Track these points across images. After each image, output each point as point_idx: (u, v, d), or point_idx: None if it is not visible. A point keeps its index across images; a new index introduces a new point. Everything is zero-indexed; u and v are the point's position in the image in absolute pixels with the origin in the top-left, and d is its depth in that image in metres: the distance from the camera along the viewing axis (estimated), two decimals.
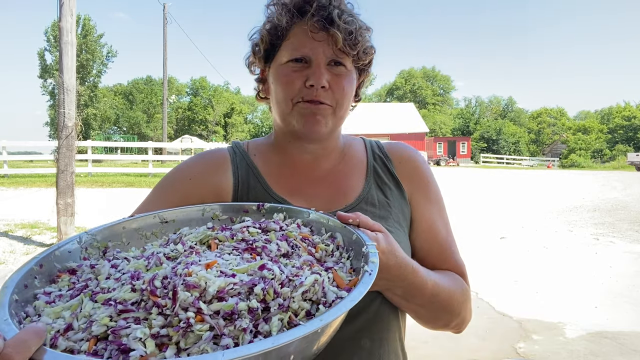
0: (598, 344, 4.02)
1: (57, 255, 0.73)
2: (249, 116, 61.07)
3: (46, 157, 23.34)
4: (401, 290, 0.87)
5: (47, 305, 0.62)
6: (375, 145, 1.14)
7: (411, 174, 1.09)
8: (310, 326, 0.52)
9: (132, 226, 0.85)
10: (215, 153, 1.08)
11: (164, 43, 27.12)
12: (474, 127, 60.08)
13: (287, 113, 0.97)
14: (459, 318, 0.99)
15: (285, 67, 0.95)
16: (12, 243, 7.25)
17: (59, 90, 6.97)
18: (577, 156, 49.80)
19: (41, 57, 43.34)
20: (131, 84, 55.55)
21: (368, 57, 0.99)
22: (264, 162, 1.06)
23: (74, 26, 7.12)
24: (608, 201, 13.56)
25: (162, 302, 0.56)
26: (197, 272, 0.60)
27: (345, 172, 1.07)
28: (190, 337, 0.53)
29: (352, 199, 1.02)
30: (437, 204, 1.08)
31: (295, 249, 0.76)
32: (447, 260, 1.03)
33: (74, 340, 0.54)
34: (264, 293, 0.59)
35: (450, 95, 71.48)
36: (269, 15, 0.98)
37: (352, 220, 0.79)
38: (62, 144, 7.00)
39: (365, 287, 0.60)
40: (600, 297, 5.23)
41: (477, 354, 3.84)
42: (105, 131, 49.43)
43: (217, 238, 0.78)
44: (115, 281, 0.64)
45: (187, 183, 1.01)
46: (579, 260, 6.92)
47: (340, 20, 0.90)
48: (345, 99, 0.97)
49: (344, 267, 0.72)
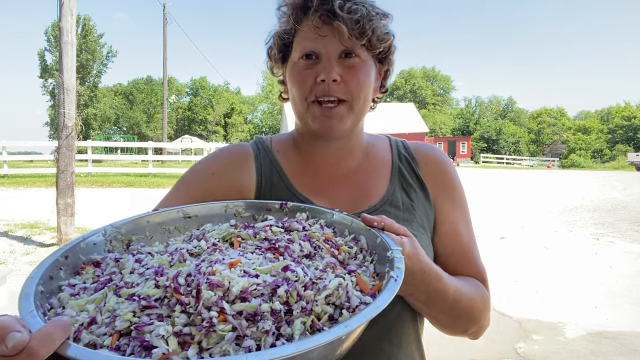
0: (598, 344, 4.02)
1: (82, 247, 0.74)
2: (249, 116, 61.06)
3: (46, 157, 23.36)
4: (424, 296, 0.86)
5: (71, 297, 0.62)
6: (401, 145, 1.11)
7: (437, 176, 1.06)
8: (334, 332, 0.51)
9: (155, 220, 0.85)
10: (239, 148, 1.07)
11: (164, 43, 27.13)
12: (474, 127, 60.08)
13: (303, 113, 0.96)
14: (478, 325, 0.97)
15: (297, 65, 0.95)
16: (12, 243, 7.25)
17: (59, 90, 6.97)
18: (577, 156, 49.80)
19: (41, 57, 43.35)
20: (131, 84, 55.54)
21: (383, 45, 0.95)
22: (287, 159, 1.05)
23: (74, 26, 7.13)
24: (608, 201, 13.56)
25: (185, 300, 0.56)
26: (220, 271, 0.60)
27: (369, 171, 1.04)
28: (213, 337, 0.53)
29: (376, 200, 1.00)
30: (461, 207, 1.06)
31: (318, 250, 0.75)
32: (469, 266, 1.01)
33: (97, 335, 0.54)
34: (287, 295, 0.59)
35: (450, 95, 71.46)
36: (279, 17, 0.99)
37: (376, 223, 0.77)
38: (62, 144, 6.99)
39: (391, 294, 0.59)
40: (600, 297, 5.23)
41: (477, 354, 3.84)
42: (105, 131, 49.43)
43: (240, 236, 0.78)
44: (139, 276, 0.64)
45: (210, 178, 1.01)
46: (579, 260, 6.92)
47: (343, 11, 0.88)
48: (362, 91, 0.94)
49: (367, 270, 0.71)
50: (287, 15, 0.95)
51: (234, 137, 54.78)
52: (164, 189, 14.17)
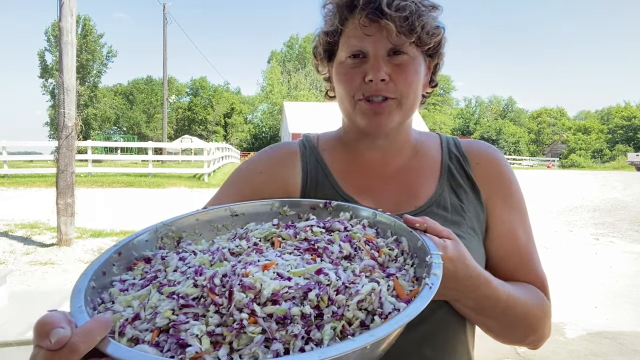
0: (598, 344, 4.02)
1: (135, 243, 0.77)
2: (249, 116, 61.05)
3: (46, 157, 23.35)
4: (472, 302, 0.82)
5: (120, 293, 0.65)
6: (452, 143, 1.06)
7: (490, 176, 1.00)
8: (359, 341, 0.51)
9: (204, 218, 0.88)
10: (286, 147, 1.07)
11: (164, 43, 27.13)
12: (474, 127, 60.09)
13: (350, 111, 0.95)
14: (537, 334, 0.91)
15: (344, 65, 0.93)
16: (12, 243, 7.25)
17: (59, 90, 6.97)
18: (577, 156, 49.82)
19: (41, 57, 43.35)
20: (131, 84, 55.55)
21: (433, 39, 0.91)
22: (333, 158, 1.04)
23: (74, 26, 7.12)
24: (608, 201, 13.56)
25: (219, 300, 0.57)
26: (253, 273, 0.60)
27: (417, 170, 1.01)
28: (243, 339, 0.53)
29: (423, 200, 0.96)
30: (517, 209, 1.00)
31: (358, 251, 0.74)
32: (526, 271, 0.95)
33: (140, 330, 0.56)
34: (318, 299, 0.58)
35: (450, 95, 71.46)
36: (324, 15, 0.97)
37: (419, 224, 0.74)
38: (62, 144, 6.99)
39: (423, 303, 0.58)
40: (600, 297, 5.23)
41: (476, 354, 3.84)
42: (105, 131, 49.43)
43: (281, 236, 0.79)
44: (181, 274, 0.66)
45: (257, 177, 1.01)
46: (579, 260, 6.92)
47: (391, 9, 0.85)
48: (411, 88, 0.91)
49: (406, 274, 0.69)
50: (332, 14, 0.94)
51: (234, 137, 54.80)
52: (164, 189, 14.18)
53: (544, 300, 0.93)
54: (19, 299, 4.25)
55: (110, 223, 8.70)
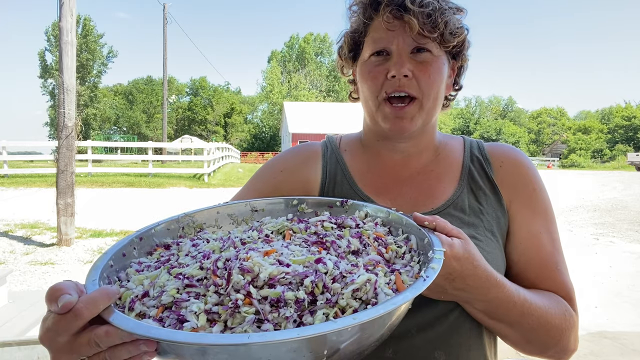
0: (598, 344, 4.02)
1: (156, 231, 0.82)
2: (249, 116, 61.06)
3: (46, 157, 23.34)
4: (483, 305, 0.81)
5: (136, 273, 0.71)
6: (475, 146, 1.06)
7: (513, 180, 0.98)
8: (340, 323, 0.51)
9: (226, 211, 0.92)
10: (309, 147, 1.10)
11: (164, 43, 27.13)
12: (474, 127, 60.09)
13: (374, 112, 0.95)
14: (558, 346, 0.86)
15: (368, 63, 0.93)
16: (12, 243, 7.25)
17: (59, 90, 6.97)
18: (577, 156, 49.83)
19: (41, 57, 43.35)
20: (131, 84, 55.56)
21: (456, 39, 0.91)
22: (353, 158, 1.05)
23: (74, 26, 7.12)
24: (608, 201, 13.56)
25: (219, 281, 0.61)
26: (253, 258, 0.63)
27: (437, 173, 1.00)
28: (237, 318, 0.56)
29: (440, 202, 0.95)
30: (543, 215, 0.96)
31: (367, 247, 0.76)
32: (551, 279, 0.91)
33: (148, 306, 0.61)
34: (313, 286, 0.60)
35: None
36: (349, 16, 0.98)
37: (427, 222, 0.74)
38: (62, 144, 7.00)
39: (413, 292, 0.58)
40: (601, 297, 5.23)
41: None
42: (105, 131, 49.42)
43: (292, 229, 0.82)
44: (192, 259, 0.71)
45: (278, 175, 1.04)
46: (579, 260, 6.92)
47: (414, 5, 0.85)
48: (433, 88, 0.90)
49: (411, 271, 0.70)
50: (357, 14, 0.95)
51: (234, 137, 54.79)
52: (164, 189, 14.18)
53: (568, 311, 0.88)
54: (19, 299, 4.24)
55: (110, 223, 8.70)
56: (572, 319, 0.88)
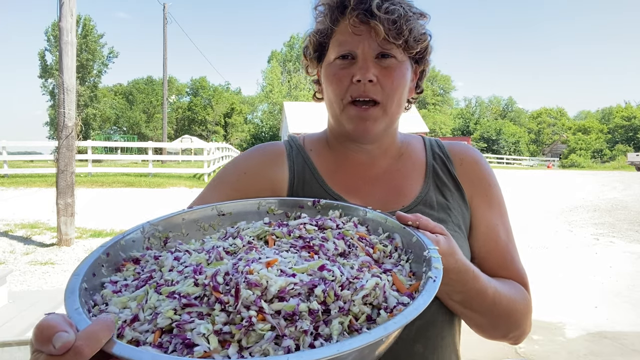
0: (598, 344, 4.02)
1: (122, 244, 0.75)
2: (249, 116, 61.04)
3: (46, 157, 23.34)
4: (460, 296, 0.84)
5: (114, 294, 0.63)
6: (435, 144, 1.10)
7: (472, 176, 1.05)
8: (374, 334, 0.51)
9: (191, 217, 0.86)
10: (272, 146, 1.07)
11: (164, 43, 27.13)
12: (474, 127, 60.04)
13: (338, 114, 0.96)
14: (519, 330, 0.94)
15: (333, 65, 0.94)
16: (12, 243, 7.25)
17: (59, 90, 6.97)
18: (577, 156, 49.80)
19: (41, 57, 43.31)
20: (131, 84, 55.53)
21: (420, 45, 0.93)
22: (319, 158, 1.05)
23: (74, 26, 7.12)
24: (608, 201, 13.55)
25: (224, 298, 0.56)
26: (258, 271, 0.60)
27: (402, 171, 1.03)
28: (252, 336, 0.53)
29: (410, 200, 0.99)
30: (498, 208, 1.04)
31: (353, 248, 0.74)
32: (508, 268, 0.99)
33: (140, 332, 0.55)
34: (325, 295, 0.58)
35: (450, 95, 71.42)
36: (316, 16, 0.99)
37: (411, 221, 0.76)
38: (62, 144, 7.00)
39: (430, 295, 0.58)
40: (600, 297, 5.23)
41: (477, 354, 3.84)
42: (105, 131, 49.41)
43: (275, 234, 0.79)
44: (178, 274, 0.65)
45: (242, 177, 1.02)
46: (579, 260, 6.92)
47: (380, 11, 0.87)
48: (397, 93, 0.93)
49: (403, 270, 0.70)
50: (323, 15, 0.95)
51: (234, 137, 54.79)
52: (164, 189, 14.18)
53: (527, 296, 0.97)
54: (19, 299, 4.25)
55: (110, 223, 8.70)
56: (529, 304, 0.97)
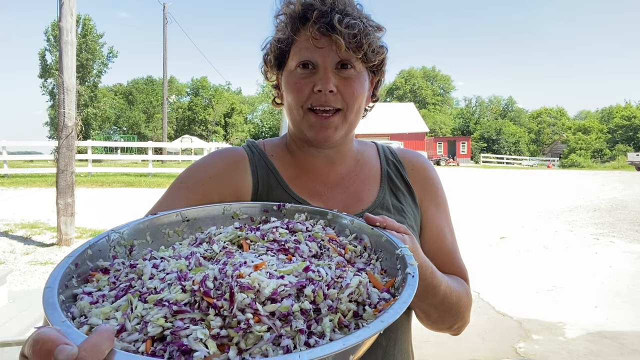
0: (598, 344, 4.02)
1: (90, 254, 0.73)
2: (249, 116, 61.04)
3: (46, 157, 23.34)
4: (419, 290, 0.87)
5: (92, 306, 0.62)
6: (388, 151, 1.17)
7: (422, 181, 1.12)
8: (374, 328, 0.54)
9: (155, 224, 0.85)
10: (234, 152, 1.08)
11: (164, 43, 27.13)
12: (474, 127, 60.03)
13: (298, 121, 0.99)
14: (462, 321, 1.03)
15: (294, 74, 0.97)
16: (12, 243, 7.26)
17: (59, 90, 6.97)
18: (577, 156, 49.80)
19: (41, 57, 43.29)
20: (131, 84, 55.53)
21: (378, 57, 0.98)
22: (281, 163, 1.07)
23: (74, 26, 7.13)
24: (608, 201, 13.55)
25: (218, 303, 0.57)
26: (249, 274, 0.61)
27: (360, 177, 1.09)
28: (250, 338, 0.54)
29: (368, 204, 1.04)
30: (444, 210, 1.13)
31: (324, 249, 0.77)
32: (452, 265, 1.07)
33: (129, 342, 0.54)
34: (314, 294, 0.61)
35: (450, 95, 71.49)
36: (277, 24, 1.01)
37: (379, 222, 0.80)
38: (62, 144, 6.99)
39: (413, 289, 0.62)
40: (600, 297, 5.23)
41: (477, 354, 3.84)
42: (105, 131, 49.41)
43: (248, 238, 0.79)
44: (161, 281, 0.64)
45: (207, 182, 1.01)
46: (579, 260, 6.92)
47: (341, 25, 0.90)
48: (356, 101, 0.97)
49: (375, 268, 0.73)
50: (284, 24, 0.98)
51: (234, 137, 54.78)
52: (164, 189, 14.15)
53: (469, 290, 1.06)
54: (19, 299, 4.24)
55: (110, 223, 8.70)
56: (471, 297, 1.05)
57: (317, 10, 0.92)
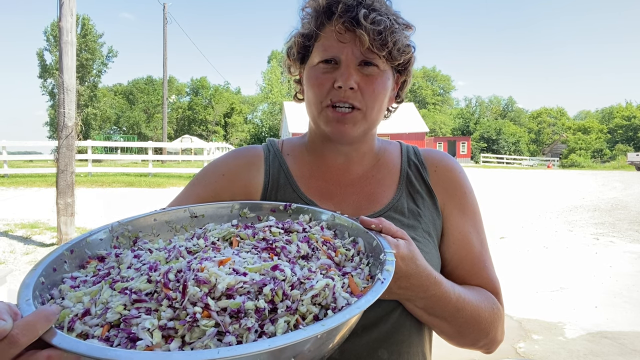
0: (598, 344, 4.02)
1: (89, 242, 0.76)
2: (249, 116, 61.02)
3: (46, 157, 23.32)
4: (423, 302, 0.84)
5: (71, 289, 0.64)
6: (412, 151, 1.11)
7: (446, 184, 1.05)
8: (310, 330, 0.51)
9: (163, 218, 0.87)
10: (250, 150, 1.08)
11: (164, 43, 27.12)
12: (474, 127, 60.00)
13: (316, 116, 0.97)
14: (488, 338, 0.93)
15: (316, 69, 0.95)
16: (12, 243, 7.25)
17: (59, 90, 6.96)
18: (577, 156, 49.78)
19: (41, 57, 43.31)
20: (131, 84, 55.54)
21: (404, 57, 0.94)
22: (296, 162, 1.06)
23: (74, 26, 7.12)
24: (608, 201, 13.55)
25: (172, 295, 0.57)
26: (209, 268, 0.61)
27: (377, 178, 1.05)
28: (196, 332, 0.54)
29: (381, 206, 1.00)
30: (472, 216, 1.04)
31: (315, 251, 0.76)
32: (480, 275, 0.99)
33: (90, 325, 0.56)
34: (273, 294, 0.59)
35: (450, 95, 71.47)
36: (302, 17, 0.99)
37: (374, 225, 0.78)
38: (62, 144, 6.99)
39: (374, 295, 0.59)
40: (600, 297, 5.23)
41: (476, 354, 3.84)
42: (105, 131, 49.40)
43: (239, 235, 0.80)
44: (135, 271, 0.66)
45: (219, 179, 1.02)
46: (579, 260, 6.92)
47: (367, 21, 0.87)
48: (377, 101, 0.94)
49: (362, 273, 0.71)
50: (310, 17, 0.96)
51: (234, 137, 54.77)
52: (164, 189, 14.17)
53: (496, 304, 0.96)
54: None
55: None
56: (499, 312, 0.96)
57: (343, 4, 0.90)
